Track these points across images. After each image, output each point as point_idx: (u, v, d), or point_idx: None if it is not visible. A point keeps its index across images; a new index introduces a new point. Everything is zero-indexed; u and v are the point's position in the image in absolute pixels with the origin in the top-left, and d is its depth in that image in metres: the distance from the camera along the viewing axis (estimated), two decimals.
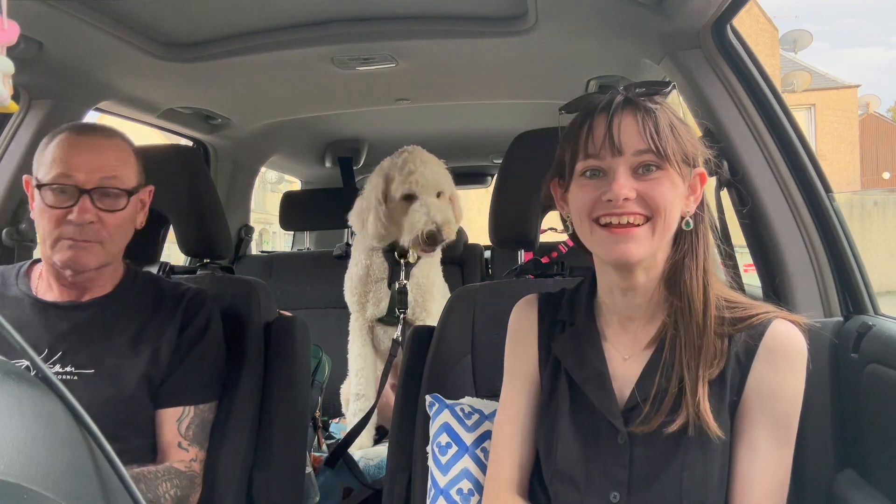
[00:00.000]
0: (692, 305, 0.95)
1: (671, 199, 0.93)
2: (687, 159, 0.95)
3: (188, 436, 1.36)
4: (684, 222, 0.97)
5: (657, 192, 0.92)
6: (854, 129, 18.99)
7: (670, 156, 0.92)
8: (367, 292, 2.28)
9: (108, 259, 1.31)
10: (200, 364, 1.38)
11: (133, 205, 1.33)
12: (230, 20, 1.62)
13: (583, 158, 0.96)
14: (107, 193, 1.27)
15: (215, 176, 2.71)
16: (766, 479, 0.92)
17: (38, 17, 1.37)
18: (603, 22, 1.58)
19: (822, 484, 1.28)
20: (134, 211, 1.34)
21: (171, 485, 1.30)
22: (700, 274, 0.96)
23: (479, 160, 3.72)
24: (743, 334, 0.94)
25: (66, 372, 1.27)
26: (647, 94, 0.96)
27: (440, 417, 1.33)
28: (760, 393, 0.93)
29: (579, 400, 1.01)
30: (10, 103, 0.58)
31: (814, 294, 1.36)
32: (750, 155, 1.40)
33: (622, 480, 0.94)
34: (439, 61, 1.90)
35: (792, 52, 19.81)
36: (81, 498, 0.39)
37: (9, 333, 0.42)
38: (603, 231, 0.94)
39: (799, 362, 0.93)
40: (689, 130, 0.97)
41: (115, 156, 1.30)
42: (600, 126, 0.94)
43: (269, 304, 1.63)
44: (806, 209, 1.38)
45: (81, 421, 0.43)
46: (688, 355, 0.93)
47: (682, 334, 0.94)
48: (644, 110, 0.94)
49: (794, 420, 0.94)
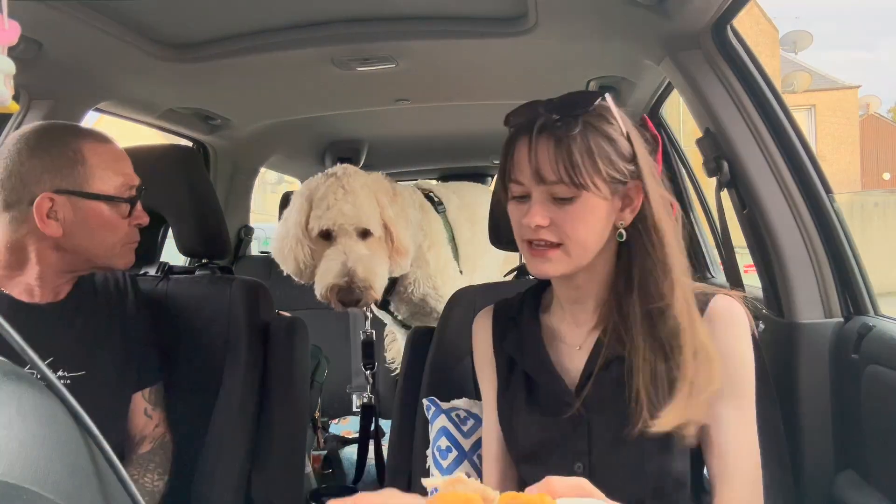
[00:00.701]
0: (638, 298, 0.98)
1: (584, 226, 0.96)
2: (615, 178, 0.96)
3: (151, 400, 1.39)
4: (618, 234, 0.99)
5: (567, 222, 0.95)
6: (854, 129, 19.00)
7: (586, 183, 0.93)
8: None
9: None
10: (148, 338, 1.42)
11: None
12: (230, 20, 1.62)
13: (510, 181, 0.99)
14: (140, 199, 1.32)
15: (215, 176, 2.71)
16: (736, 446, 0.94)
17: (38, 17, 1.37)
18: (603, 22, 1.58)
19: (823, 484, 1.29)
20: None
21: (152, 470, 1.33)
22: (646, 271, 0.98)
23: (479, 160, 3.72)
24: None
25: (60, 377, 1.25)
26: (564, 117, 0.95)
27: (438, 421, 1.33)
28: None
29: (534, 388, 1.06)
30: (12, 103, 0.58)
31: (814, 295, 1.36)
32: (750, 156, 1.41)
33: (583, 450, 0.98)
34: (439, 62, 1.90)
35: (792, 53, 19.82)
36: (81, 498, 0.39)
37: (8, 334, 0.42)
38: (526, 249, 1.00)
39: (741, 328, 0.98)
40: (616, 146, 0.96)
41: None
42: (522, 152, 0.97)
43: (269, 305, 1.63)
44: (806, 210, 1.38)
45: (81, 421, 0.43)
46: (635, 338, 0.96)
47: (631, 320, 0.97)
48: (556, 138, 0.93)
49: (748, 382, 0.97)
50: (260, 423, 1.52)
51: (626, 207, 0.99)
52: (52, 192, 1.18)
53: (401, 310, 2.08)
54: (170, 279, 1.60)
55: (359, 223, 1.71)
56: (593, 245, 0.98)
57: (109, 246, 1.26)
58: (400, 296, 2.01)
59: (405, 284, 1.97)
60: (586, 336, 1.04)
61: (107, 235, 1.25)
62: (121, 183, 1.26)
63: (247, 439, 1.49)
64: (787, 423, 1.32)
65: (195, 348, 1.52)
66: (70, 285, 1.31)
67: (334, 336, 2.78)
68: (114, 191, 1.25)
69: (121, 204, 1.26)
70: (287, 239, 1.78)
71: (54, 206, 1.19)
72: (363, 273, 1.67)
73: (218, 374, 1.50)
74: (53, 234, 1.19)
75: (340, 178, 1.75)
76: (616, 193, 0.97)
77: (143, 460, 1.34)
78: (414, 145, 3.38)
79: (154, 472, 1.34)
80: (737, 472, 0.94)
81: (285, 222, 1.82)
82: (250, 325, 1.54)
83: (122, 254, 1.29)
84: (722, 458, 0.94)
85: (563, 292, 1.07)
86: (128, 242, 1.29)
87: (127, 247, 1.30)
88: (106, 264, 1.29)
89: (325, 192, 1.73)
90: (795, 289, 1.36)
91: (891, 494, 1.12)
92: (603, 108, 0.97)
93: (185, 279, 1.61)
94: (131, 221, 1.29)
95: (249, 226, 3.06)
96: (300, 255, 1.76)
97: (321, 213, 1.71)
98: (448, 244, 2.08)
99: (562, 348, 1.06)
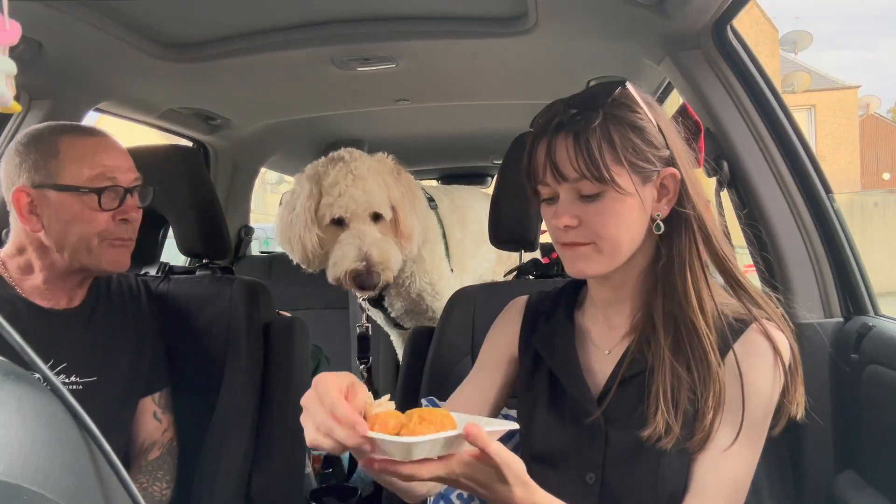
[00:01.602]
0: (674, 305, 0.94)
1: (615, 221, 0.92)
2: (643, 168, 0.92)
3: (161, 404, 1.39)
4: (654, 225, 0.95)
5: (596, 220, 0.92)
6: (854, 129, 18.99)
7: (608, 177, 0.89)
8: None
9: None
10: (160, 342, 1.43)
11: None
12: (230, 20, 1.62)
13: (536, 185, 0.97)
14: (138, 192, 1.29)
15: (215, 176, 2.71)
16: (723, 472, 0.90)
17: (38, 17, 1.37)
18: (603, 22, 1.58)
19: (822, 485, 1.29)
20: None
21: (161, 478, 1.32)
22: (686, 274, 0.93)
23: (479, 160, 3.72)
24: (721, 333, 0.93)
25: (72, 382, 1.26)
26: (584, 111, 0.91)
27: None
28: (730, 389, 0.91)
29: (557, 388, 1.03)
30: (13, 104, 0.58)
31: (814, 295, 1.36)
32: (750, 156, 1.40)
33: (597, 461, 0.95)
34: (439, 62, 1.90)
35: (792, 53, 19.81)
36: (81, 498, 0.39)
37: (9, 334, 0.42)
38: (561, 248, 0.97)
39: (774, 363, 0.92)
40: (643, 134, 0.92)
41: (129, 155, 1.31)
42: (541, 153, 0.95)
43: (269, 305, 1.63)
44: (806, 210, 1.38)
45: (81, 421, 0.43)
46: (662, 351, 0.92)
47: (660, 330, 0.93)
48: (574, 134, 0.90)
49: (765, 421, 0.92)
50: (260, 423, 1.52)
51: (664, 198, 0.95)
52: (28, 186, 1.19)
53: (395, 305, 2.06)
54: (170, 279, 1.60)
55: (370, 208, 1.73)
56: (627, 241, 0.93)
57: (84, 239, 1.22)
58: (398, 289, 2.00)
59: (402, 278, 1.96)
60: (618, 341, 1.00)
61: (79, 228, 1.21)
62: (96, 174, 1.22)
63: (247, 439, 1.49)
64: (786, 423, 1.32)
65: (196, 348, 1.52)
66: (84, 291, 1.32)
67: (334, 336, 2.78)
68: (84, 181, 1.21)
69: (87, 194, 1.21)
70: (295, 225, 1.76)
71: (33, 202, 1.19)
72: (379, 256, 1.68)
73: (218, 374, 1.50)
74: (34, 230, 1.20)
75: (348, 163, 1.75)
76: (649, 183, 0.93)
77: (152, 468, 1.34)
78: (414, 145, 3.37)
79: (163, 479, 1.33)
80: (711, 493, 0.89)
81: (290, 208, 1.79)
82: (250, 325, 1.54)
83: (101, 250, 1.24)
84: (704, 477, 0.90)
85: (599, 292, 1.03)
86: (107, 238, 1.24)
87: (106, 242, 1.24)
88: (92, 264, 1.24)
89: (336, 178, 1.72)
90: (795, 289, 1.36)
91: (891, 495, 1.12)
92: (625, 95, 0.93)
93: (186, 279, 1.62)
94: (116, 216, 1.24)
95: (249, 226, 3.06)
96: (308, 242, 1.75)
97: (332, 199, 1.71)
98: (441, 241, 2.09)
99: (591, 350, 1.03)
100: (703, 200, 0.96)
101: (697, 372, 0.91)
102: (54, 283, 1.26)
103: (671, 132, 0.95)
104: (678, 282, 0.94)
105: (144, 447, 1.36)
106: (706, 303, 0.94)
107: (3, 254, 1.27)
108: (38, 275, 1.25)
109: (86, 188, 1.21)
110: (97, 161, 1.23)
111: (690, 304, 0.93)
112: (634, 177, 0.91)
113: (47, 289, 1.26)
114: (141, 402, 1.37)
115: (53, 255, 1.23)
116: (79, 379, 1.26)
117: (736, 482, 0.91)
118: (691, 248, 0.95)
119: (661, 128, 0.94)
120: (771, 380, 0.92)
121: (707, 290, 0.94)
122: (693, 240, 0.95)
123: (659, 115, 0.95)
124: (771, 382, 0.92)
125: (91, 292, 1.33)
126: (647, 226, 0.95)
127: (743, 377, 0.91)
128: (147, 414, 1.37)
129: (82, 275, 1.29)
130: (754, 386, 0.91)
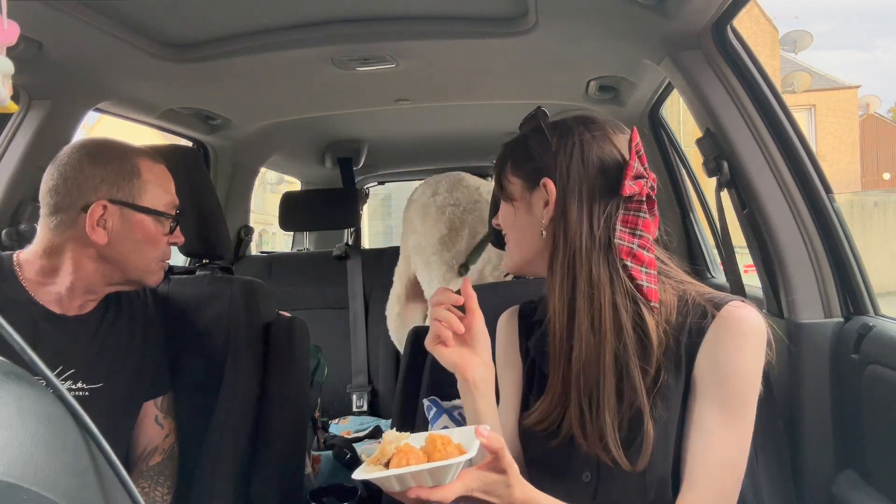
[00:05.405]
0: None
1: (507, 225, 1.06)
2: (524, 175, 1.02)
3: (163, 408, 1.39)
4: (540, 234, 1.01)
5: (500, 222, 1.09)
6: (854, 129, 18.99)
7: (498, 183, 1.07)
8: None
9: None
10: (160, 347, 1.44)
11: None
12: (230, 20, 1.62)
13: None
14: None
15: (215, 176, 2.71)
16: (711, 456, 0.91)
17: (38, 17, 1.37)
18: (603, 22, 1.58)
19: (822, 484, 1.29)
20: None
21: (162, 483, 1.32)
22: (559, 280, 0.97)
23: (479, 160, 3.72)
24: (691, 319, 0.94)
25: (79, 388, 1.26)
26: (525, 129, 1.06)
27: (440, 421, 1.33)
28: (708, 371, 0.92)
29: None
30: (10, 103, 0.58)
31: (814, 295, 1.36)
32: (750, 156, 1.40)
33: (592, 459, 0.96)
34: (439, 61, 1.90)
35: (792, 53, 19.81)
36: (81, 498, 0.39)
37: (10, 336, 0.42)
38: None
39: (751, 339, 0.92)
40: (526, 145, 1.04)
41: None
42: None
43: (269, 305, 1.63)
44: (806, 210, 1.38)
45: (81, 422, 0.43)
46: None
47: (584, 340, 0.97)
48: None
49: (749, 398, 0.93)
50: (259, 423, 1.52)
51: (545, 207, 0.99)
52: (106, 200, 1.23)
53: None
54: (170, 279, 1.60)
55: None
56: (522, 245, 1.04)
57: (148, 260, 1.29)
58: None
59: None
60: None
61: (148, 249, 1.28)
62: (168, 201, 1.31)
63: (247, 439, 1.49)
64: (787, 422, 1.32)
65: (196, 348, 1.52)
66: (96, 302, 1.32)
67: (334, 336, 2.78)
68: (162, 207, 1.29)
69: (165, 221, 1.30)
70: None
71: (105, 215, 1.22)
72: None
73: (218, 374, 1.50)
74: (99, 241, 1.22)
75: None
76: (534, 191, 1.01)
77: (153, 472, 1.34)
78: (414, 145, 3.38)
79: (164, 485, 1.34)
80: (704, 480, 0.90)
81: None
82: (250, 325, 1.54)
83: (156, 270, 1.32)
84: (694, 464, 0.91)
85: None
86: (163, 259, 1.33)
87: (161, 264, 1.34)
88: (139, 279, 1.31)
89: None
90: (795, 289, 1.36)
91: (891, 494, 1.12)
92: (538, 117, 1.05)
93: (186, 279, 1.61)
94: (170, 240, 1.33)
95: (249, 226, 3.06)
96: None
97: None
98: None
99: None
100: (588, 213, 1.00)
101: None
102: (78, 291, 1.26)
103: (564, 141, 1.00)
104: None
105: (146, 452, 1.35)
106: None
107: (25, 254, 1.27)
108: (65, 280, 1.24)
109: (166, 214, 1.30)
110: (170, 188, 1.33)
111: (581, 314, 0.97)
112: (517, 185, 1.06)
113: (66, 295, 1.25)
114: (143, 407, 1.37)
115: (100, 265, 1.25)
116: (85, 385, 1.25)
117: (727, 464, 0.91)
118: (558, 256, 1.02)
119: (551, 137, 1.01)
120: (751, 358, 0.92)
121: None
122: (561, 250, 1.01)
123: (553, 124, 1.04)
124: (751, 360, 0.92)
125: (102, 300, 1.34)
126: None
127: (718, 360, 0.92)
128: (149, 418, 1.37)
129: (115, 287, 1.31)
130: (731, 367, 0.91)
